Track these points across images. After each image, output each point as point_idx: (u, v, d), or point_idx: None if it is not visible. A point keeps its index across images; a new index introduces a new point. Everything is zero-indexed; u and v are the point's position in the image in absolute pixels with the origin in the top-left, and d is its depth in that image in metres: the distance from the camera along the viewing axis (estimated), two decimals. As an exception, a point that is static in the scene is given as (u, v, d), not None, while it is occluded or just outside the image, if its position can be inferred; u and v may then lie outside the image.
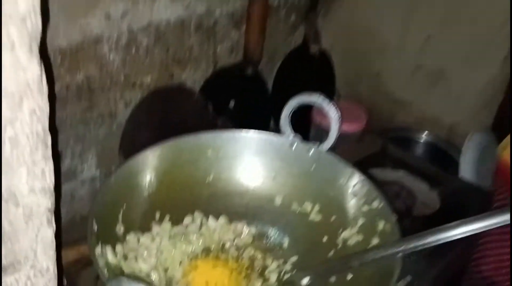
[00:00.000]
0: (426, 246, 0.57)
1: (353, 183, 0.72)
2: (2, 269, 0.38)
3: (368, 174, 0.73)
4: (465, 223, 0.54)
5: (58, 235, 0.44)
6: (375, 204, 0.68)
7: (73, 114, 0.91)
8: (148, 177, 0.72)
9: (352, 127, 1.13)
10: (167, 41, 1.02)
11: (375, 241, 0.66)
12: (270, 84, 1.29)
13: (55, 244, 0.42)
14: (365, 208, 0.69)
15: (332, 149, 0.77)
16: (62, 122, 0.90)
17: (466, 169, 1.01)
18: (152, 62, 1.01)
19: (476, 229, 0.53)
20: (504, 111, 1.18)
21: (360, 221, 0.69)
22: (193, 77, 1.11)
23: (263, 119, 1.24)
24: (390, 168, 1.01)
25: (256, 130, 0.79)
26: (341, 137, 1.12)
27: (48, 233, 0.41)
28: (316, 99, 0.76)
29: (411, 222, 0.87)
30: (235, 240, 0.73)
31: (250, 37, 1.11)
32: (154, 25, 0.98)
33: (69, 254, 0.88)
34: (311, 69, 1.36)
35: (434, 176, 0.99)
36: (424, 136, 1.22)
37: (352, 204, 0.71)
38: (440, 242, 0.56)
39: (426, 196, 0.93)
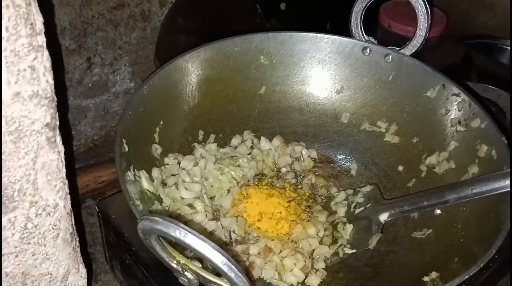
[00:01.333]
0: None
1: (446, 96, 0.57)
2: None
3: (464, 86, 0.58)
4: None
5: (70, 160, 0.32)
6: (475, 123, 0.53)
7: (99, 14, 0.77)
8: (188, 88, 0.59)
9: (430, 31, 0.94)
10: None
11: (473, 170, 0.52)
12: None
13: (64, 173, 0.31)
14: (461, 128, 0.54)
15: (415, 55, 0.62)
16: (87, 22, 0.77)
17: None
18: (190, -49, 0.84)
19: None
20: None
21: (453, 144, 0.55)
22: (239, -28, 0.95)
23: (319, 22, 1.07)
24: (475, 80, 0.84)
25: (319, 33, 0.64)
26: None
27: (52, 156, 0.29)
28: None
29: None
30: (293, 165, 0.61)
31: None
32: None
33: (102, 175, 0.80)
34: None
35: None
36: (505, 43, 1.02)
37: (442, 122, 0.57)
38: None
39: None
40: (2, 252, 0.29)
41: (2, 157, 0.26)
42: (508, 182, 0.44)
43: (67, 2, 0.73)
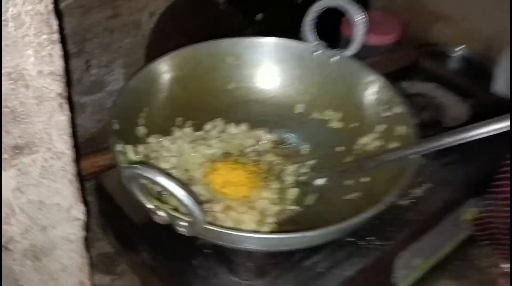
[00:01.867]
0: (439, 148, 0.56)
1: (376, 89, 0.70)
2: (18, 150, 0.40)
3: (395, 83, 0.71)
4: (482, 125, 0.53)
5: (73, 124, 0.45)
6: (397, 109, 0.67)
7: (97, 22, 0.91)
8: (168, 83, 0.73)
9: (384, 39, 1.08)
10: None
11: (393, 146, 0.65)
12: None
13: (70, 130, 0.44)
14: (386, 113, 0.68)
15: (359, 57, 0.75)
16: (86, 30, 0.90)
17: (500, 83, 0.96)
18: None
19: (492, 130, 0.52)
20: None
21: (380, 127, 0.69)
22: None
23: (292, 31, 1.21)
24: (420, 81, 0.97)
25: (277, 37, 0.77)
26: (372, 48, 1.10)
27: (62, 117, 0.42)
28: (340, 2, 0.73)
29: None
30: (255, 146, 0.74)
31: None
32: None
33: (99, 161, 0.92)
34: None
35: (466, 89, 0.95)
36: (459, 50, 1.16)
37: (373, 110, 0.70)
38: (455, 143, 0.55)
39: (456, 108, 0.90)
40: (27, 183, 0.42)
41: (29, 115, 0.39)
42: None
43: (70, 13, 0.86)
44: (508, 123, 0.51)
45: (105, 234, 0.81)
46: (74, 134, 0.48)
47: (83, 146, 0.98)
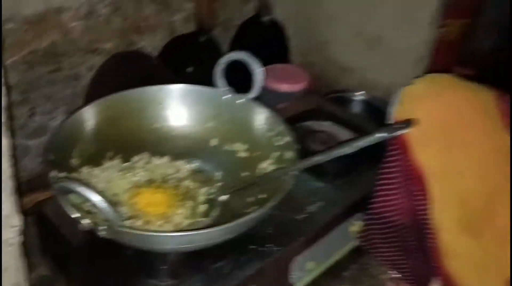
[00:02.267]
0: (310, 165, 0.72)
1: (270, 124, 0.87)
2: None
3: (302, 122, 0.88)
4: (348, 143, 0.70)
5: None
6: (286, 139, 0.83)
7: (40, 76, 1.05)
8: (101, 123, 0.86)
9: (295, 87, 1.28)
10: (125, 11, 1.16)
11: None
12: (225, 51, 1.43)
13: (11, 152, 0.56)
14: (279, 143, 0.84)
15: (274, 102, 0.92)
16: (31, 82, 1.04)
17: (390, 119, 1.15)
18: (111, 29, 1.14)
19: (355, 146, 0.69)
20: (432, 71, 1.32)
21: (275, 154, 0.85)
22: (152, 44, 1.25)
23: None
24: (322, 120, 1.15)
25: (194, 85, 0.94)
26: (285, 95, 1.29)
27: (4, 141, 0.54)
28: (243, 56, 0.90)
29: (342, 161, 1.02)
30: (176, 174, 0.88)
31: (202, 8, 1.24)
32: (111, -4, 1.11)
33: (39, 197, 1.03)
34: (264, 39, 1.49)
35: (361, 126, 1.13)
36: (360, 96, 1.37)
37: (269, 141, 0.86)
38: (329, 158, 0.72)
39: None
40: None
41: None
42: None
43: (15, 68, 1.00)
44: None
45: (44, 258, 0.91)
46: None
47: (27, 185, 1.10)
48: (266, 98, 1.30)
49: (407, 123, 0.77)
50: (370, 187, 0.91)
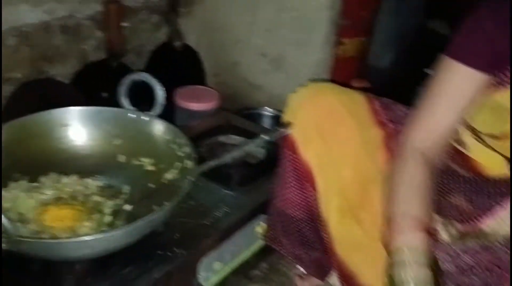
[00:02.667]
0: (208, 168, 0.80)
1: (172, 137, 0.94)
2: None
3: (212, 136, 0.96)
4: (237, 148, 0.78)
5: None
6: (186, 149, 0.90)
7: None
8: (5, 147, 0.89)
9: (205, 106, 1.36)
10: (34, 41, 1.20)
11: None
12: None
13: None
14: (181, 153, 0.91)
15: (187, 119, 0.99)
16: None
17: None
18: (21, 59, 1.18)
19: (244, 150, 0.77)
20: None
21: (178, 164, 0.91)
22: (63, 72, 1.29)
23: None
24: (231, 134, 1.24)
25: (101, 107, 0.99)
26: (197, 113, 1.36)
27: None
28: (145, 77, 0.97)
29: (244, 169, 1.10)
30: (84, 191, 0.92)
31: (111, 36, 1.30)
32: (19, 27, 1.15)
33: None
34: (177, 63, 1.57)
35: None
36: (269, 111, 1.48)
37: (172, 153, 0.93)
38: (222, 162, 0.80)
39: (255, 150, 1.17)
40: None
41: None
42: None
43: None
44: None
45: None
46: None
47: None
48: (180, 117, 1.38)
49: (287, 125, 0.87)
50: (272, 190, 1.00)
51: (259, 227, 1.01)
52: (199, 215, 0.96)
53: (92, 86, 1.34)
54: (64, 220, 0.84)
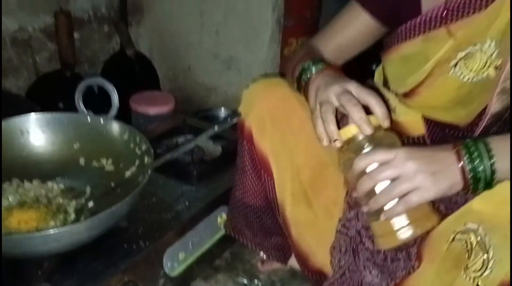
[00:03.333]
0: (165, 161, 0.85)
1: (129, 136, 0.98)
2: None
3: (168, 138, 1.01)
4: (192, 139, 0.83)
5: None
6: (144, 147, 0.95)
7: None
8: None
9: (161, 109, 1.40)
10: (-14, 55, 1.21)
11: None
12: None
13: None
14: (138, 151, 0.96)
15: (145, 123, 1.03)
16: None
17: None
18: (-27, 74, 1.19)
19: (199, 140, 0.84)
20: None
21: (137, 161, 0.96)
22: (17, 85, 1.31)
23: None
24: (188, 134, 1.29)
25: (59, 112, 1.03)
26: (154, 117, 1.41)
27: None
28: (99, 81, 1.01)
29: (202, 165, 1.15)
30: (47, 194, 0.95)
31: (62, 47, 1.33)
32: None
33: None
34: (132, 71, 1.61)
35: (219, 135, 1.27)
36: (222, 111, 1.54)
37: (130, 151, 0.97)
38: (176, 155, 0.85)
39: (212, 148, 1.22)
40: None
41: None
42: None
43: None
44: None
45: None
46: None
47: None
48: (137, 122, 1.42)
49: (236, 115, 0.92)
50: (231, 183, 1.05)
51: (220, 218, 1.07)
52: (161, 210, 1.01)
53: (47, 97, 1.37)
54: (29, 222, 0.87)
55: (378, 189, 0.67)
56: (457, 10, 0.78)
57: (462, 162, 0.65)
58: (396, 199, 0.66)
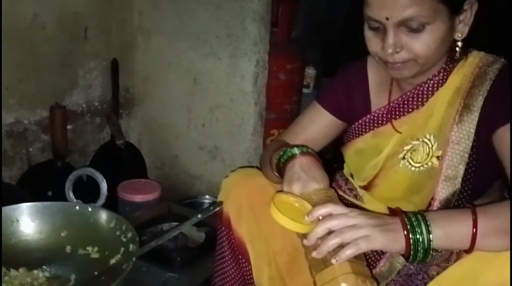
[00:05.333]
0: (149, 248, 0.89)
1: (116, 224, 1.03)
2: None
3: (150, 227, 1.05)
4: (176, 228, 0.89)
5: None
6: (129, 234, 0.99)
7: None
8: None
9: (147, 197, 1.46)
10: (-18, 147, 1.28)
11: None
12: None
13: None
14: (124, 239, 1.00)
15: (130, 211, 1.09)
16: None
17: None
18: (-32, 164, 1.25)
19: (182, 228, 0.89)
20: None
21: (122, 249, 0.99)
22: (10, 174, 1.37)
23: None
24: (172, 221, 1.34)
25: (49, 202, 1.08)
26: (139, 204, 1.46)
27: None
28: (89, 171, 1.08)
29: (186, 252, 1.19)
30: (33, 282, 0.98)
31: (55, 139, 1.41)
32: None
33: None
34: (121, 160, 1.69)
35: (202, 222, 1.32)
36: (206, 199, 1.60)
37: (116, 239, 1.01)
38: (160, 242, 0.90)
39: (196, 235, 1.27)
40: None
41: None
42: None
43: None
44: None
45: None
46: None
47: None
48: (124, 209, 1.47)
49: (219, 204, 0.99)
50: (212, 270, 1.09)
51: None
52: (145, 298, 1.03)
53: (37, 186, 1.42)
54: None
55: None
56: (399, 109, 0.91)
57: (405, 230, 0.72)
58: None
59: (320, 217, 0.76)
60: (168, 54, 1.67)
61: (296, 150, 0.90)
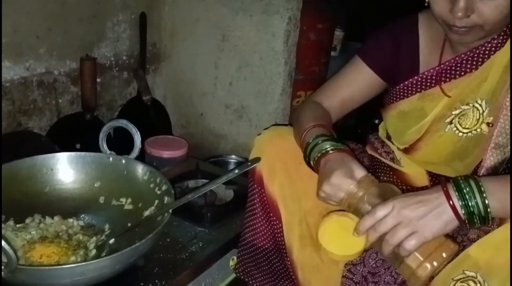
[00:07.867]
0: (185, 202, 0.89)
1: (150, 177, 1.02)
2: None
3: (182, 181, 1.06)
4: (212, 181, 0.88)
5: None
6: (164, 187, 0.99)
7: None
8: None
9: (174, 153, 1.45)
10: (13, 96, 1.28)
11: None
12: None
13: None
14: (158, 191, 1.00)
15: (159, 166, 1.10)
16: None
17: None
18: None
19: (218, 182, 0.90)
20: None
21: (156, 202, 0.99)
22: (39, 125, 1.37)
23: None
24: (200, 178, 1.33)
25: (81, 152, 1.07)
26: (168, 160, 1.45)
27: None
28: (122, 123, 1.07)
29: (216, 209, 1.19)
30: (68, 230, 0.99)
31: (85, 91, 1.40)
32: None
33: None
34: (147, 116, 1.67)
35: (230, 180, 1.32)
36: (234, 158, 1.59)
37: (150, 191, 1.01)
38: (196, 196, 0.90)
39: (224, 193, 1.27)
40: None
41: None
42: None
43: None
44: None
45: None
46: None
47: None
48: (152, 164, 1.46)
49: (255, 160, 0.97)
50: (242, 226, 1.09)
51: (232, 261, 1.09)
52: (176, 250, 1.04)
53: (66, 138, 1.42)
54: (51, 256, 0.90)
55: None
56: (450, 71, 0.86)
57: (451, 200, 0.70)
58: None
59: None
60: (196, 8, 1.62)
61: (327, 146, 0.86)
